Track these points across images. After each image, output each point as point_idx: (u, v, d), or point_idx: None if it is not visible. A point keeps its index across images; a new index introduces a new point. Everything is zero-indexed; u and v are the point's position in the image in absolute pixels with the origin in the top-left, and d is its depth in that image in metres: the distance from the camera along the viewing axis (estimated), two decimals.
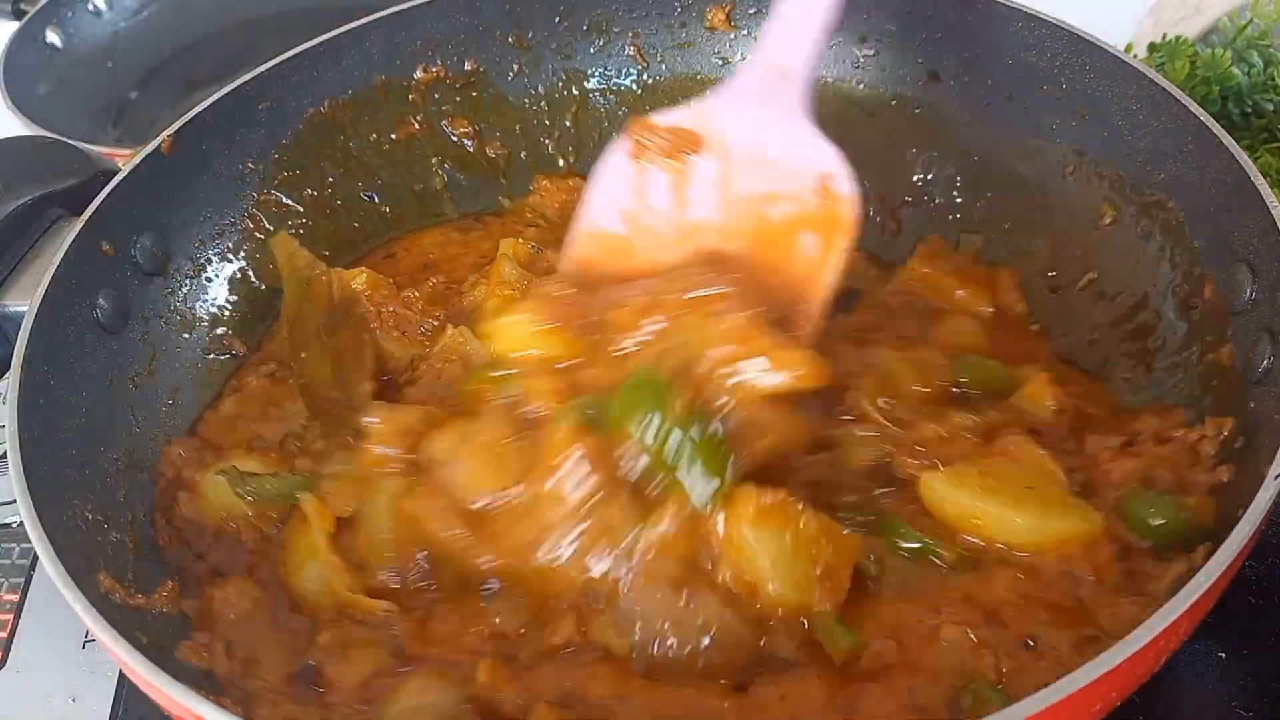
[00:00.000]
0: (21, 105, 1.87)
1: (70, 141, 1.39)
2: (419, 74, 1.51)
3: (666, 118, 1.22)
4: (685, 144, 1.20)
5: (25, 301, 1.14)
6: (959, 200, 1.43)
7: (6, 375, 1.07)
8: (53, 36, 2.11)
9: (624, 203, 1.22)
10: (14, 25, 2.09)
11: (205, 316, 1.34)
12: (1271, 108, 1.45)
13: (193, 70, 2.16)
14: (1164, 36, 1.55)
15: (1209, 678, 1.09)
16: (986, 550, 1.02)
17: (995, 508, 1.01)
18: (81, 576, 0.92)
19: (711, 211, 1.20)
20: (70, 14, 2.14)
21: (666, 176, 1.20)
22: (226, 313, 1.36)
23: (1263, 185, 1.07)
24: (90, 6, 2.17)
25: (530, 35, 1.54)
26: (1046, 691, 0.76)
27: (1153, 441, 1.09)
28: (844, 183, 1.16)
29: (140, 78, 2.17)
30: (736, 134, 1.19)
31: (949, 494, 1.04)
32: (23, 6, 2.14)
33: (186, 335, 1.31)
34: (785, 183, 1.17)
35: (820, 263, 1.17)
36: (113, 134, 2.04)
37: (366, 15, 1.46)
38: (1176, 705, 1.08)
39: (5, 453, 1.01)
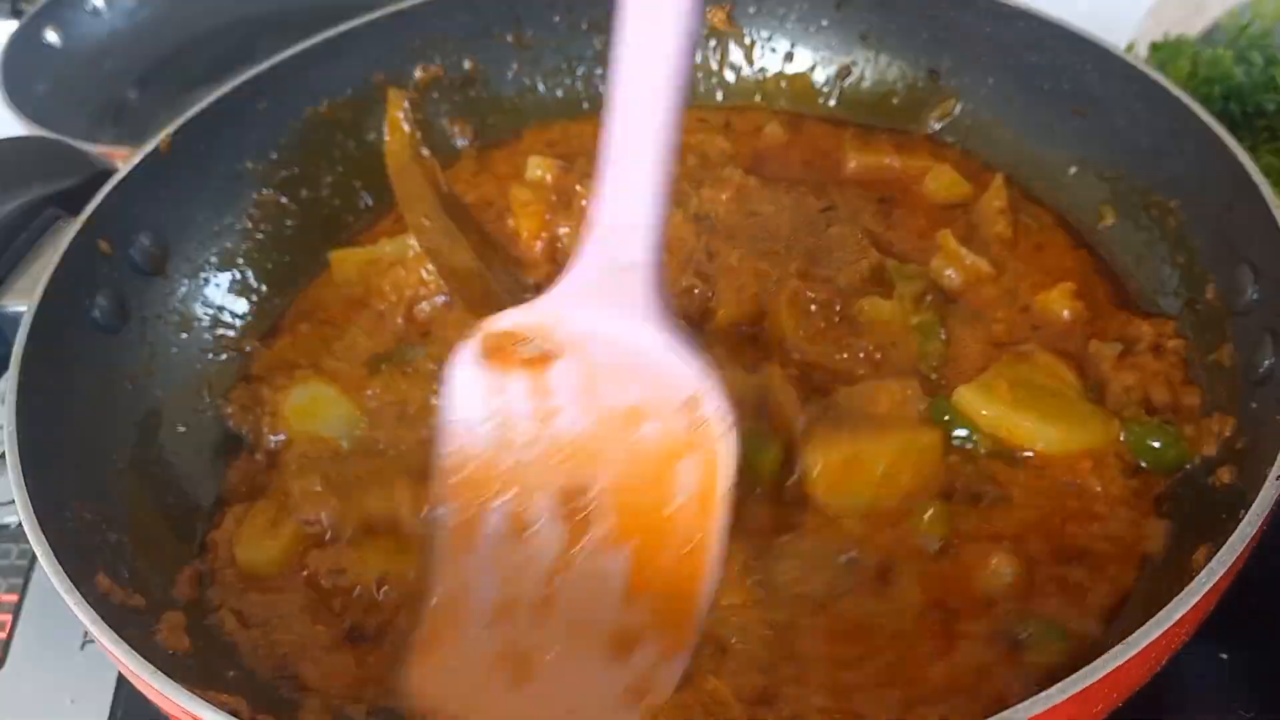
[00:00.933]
0: (20, 105, 1.87)
1: (69, 141, 1.38)
2: (418, 73, 1.50)
3: (511, 319, 0.99)
4: (540, 352, 0.98)
5: (24, 301, 1.14)
6: None
7: (4, 376, 1.07)
8: (52, 36, 2.11)
9: (484, 418, 1.00)
10: (13, 25, 2.09)
11: (204, 317, 1.33)
12: (1273, 107, 1.45)
13: (191, 70, 2.16)
14: (1165, 36, 1.55)
15: (1209, 678, 1.09)
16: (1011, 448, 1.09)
17: (1029, 420, 1.08)
18: (80, 578, 0.92)
19: (579, 426, 0.97)
20: (69, 14, 2.14)
21: (525, 385, 0.99)
22: (225, 313, 1.35)
23: (1264, 184, 1.07)
24: (89, 6, 2.16)
25: (530, 34, 1.53)
26: (1048, 693, 0.76)
27: (1150, 352, 1.15)
28: (712, 405, 0.93)
29: (139, 77, 2.16)
30: (589, 335, 0.96)
31: (983, 406, 1.09)
32: (22, 6, 2.15)
33: (185, 335, 1.30)
34: (650, 397, 0.95)
35: (702, 502, 0.94)
36: (111, 133, 2.03)
37: (365, 15, 1.46)
38: (1176, 705, 1.08)
39: (4, 453, 1.01)
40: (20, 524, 0.95)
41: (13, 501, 1.34)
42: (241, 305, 1.37)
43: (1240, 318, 1.10)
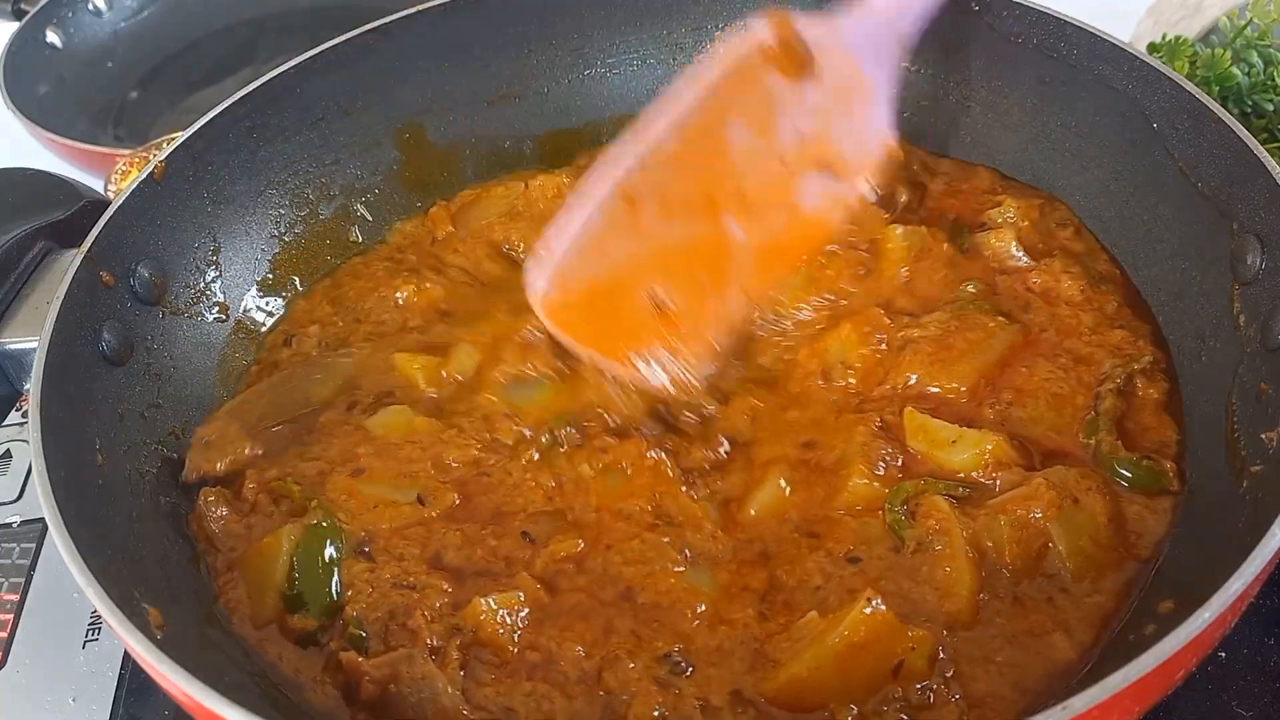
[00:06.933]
0: (21, 105, 1.87)
1: (54, 172, 1.36)
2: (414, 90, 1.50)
3: (805, 28, 1.17)
4: (805, 63, 1.18)
5: (21, 337, 1.13)
6: None
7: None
8: (53, 36, 2.11)
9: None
10: (14, 25, 2.09)
11: (207, 342, 1.32)
12: (1271, 108, 1.45)
13: (193, 70, 2.17)
14: (1163, 37, 1.55)
15: (1209, 677, 1.09)
16: None
17: None
18: (137, 618, 0.91)
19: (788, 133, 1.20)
20: (70, 14, 2.15)
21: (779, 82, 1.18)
22: (227, 336, 1.34)
23: (1265, 155, 1.07)
24: (90, 6, 2.17)
25: (528, 49, 1.54)
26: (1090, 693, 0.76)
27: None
28: (866, 187, 1.22)
29: (140, 78, 2.17)
30: (841, 70, 1.20)
31: None
32: (23, 6, 2.15)
33: (190, 362, 1.29)
34: (842, 144, 1.22)
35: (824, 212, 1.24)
36: (112, 134, 2.04)
37: (362, 16, 1.46)
38: (1176, 705, 1.08)
39: (4, 451, 1.01)
40: (22, 523, 0.94)
41: (14, 501, 1.36)
42: (243, 329, 1.36)
43: (1249, 288, 1.10)
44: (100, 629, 1.25)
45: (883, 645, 0.95)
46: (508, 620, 1.02)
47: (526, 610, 1.03)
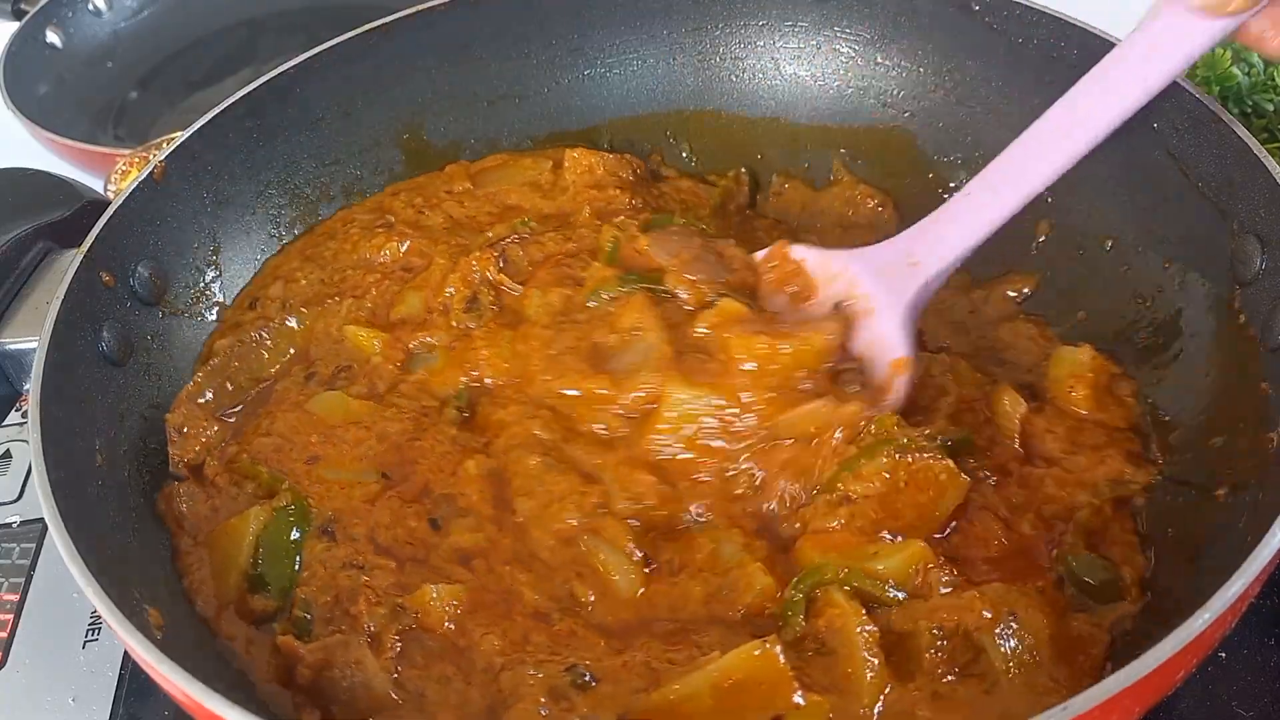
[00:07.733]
0: (21, 105, 1.88)
1: (54, 172, 1.37)
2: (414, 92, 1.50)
3: (800, 253, 1.24)
4: (801, 288, 1.22)
5: (21, 337, 1.14)
6: None
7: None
8: (53, 36, 2.11)
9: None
10: (14, 25, 2.09)
11: (208, 342, 1.31)
12: (1271, 108, 1.45)
13: (193, 70, 2.17)
14: None
15: (1209, 677, 1.09)
16: None
17: None
18: (137, 618, 0.91)
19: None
20: (70, 14, 2.15)
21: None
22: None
23: (1265, 155, 1.07)
24: (90, 6, 2.17)
25: (528, 49, 1.53)
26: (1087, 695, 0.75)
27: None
28: (901, 386, 1.12)
29: (140, 78, 2.17)
30: (847, 293, 1.19)
31: None
32: (23, 6, 2.15)
33: (191, 363, 1.29)
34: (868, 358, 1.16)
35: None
36: (112, 134, 2.04)
37: (362, 16, 1.46)
38: (1176, 705, 1.08)
39: (4, 451, 1.01)
40: (22, 523, 0.94)
41: (14, 501, 1.36)
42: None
43: (1249, 289, 1.10)
44: (100, 629, 1.25)
45: (764, 692, 0.88)
46: (449, 608, 1.02)
47: (467, 599, 1.02)
